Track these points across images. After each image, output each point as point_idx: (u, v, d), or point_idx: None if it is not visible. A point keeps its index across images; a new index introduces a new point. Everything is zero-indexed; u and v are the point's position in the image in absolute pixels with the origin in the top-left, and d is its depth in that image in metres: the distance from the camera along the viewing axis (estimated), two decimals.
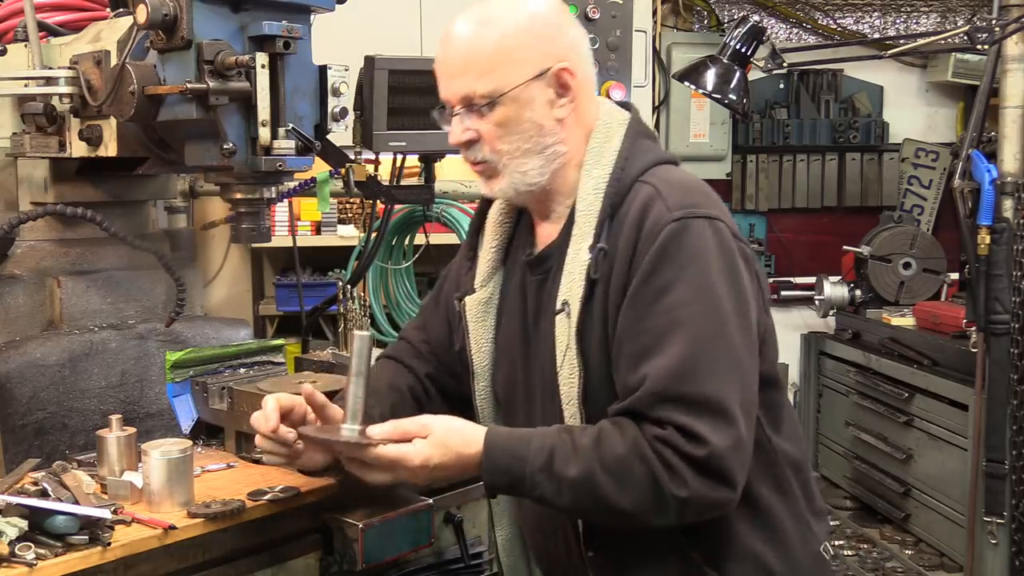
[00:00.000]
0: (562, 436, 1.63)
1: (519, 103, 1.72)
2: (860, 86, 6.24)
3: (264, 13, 2.06)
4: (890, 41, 5.89)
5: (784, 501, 1.77)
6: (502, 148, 1.75)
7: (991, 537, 4.04)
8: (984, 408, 4.06)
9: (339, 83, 2.21)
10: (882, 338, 5.03)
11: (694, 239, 1.63)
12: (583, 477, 1.59)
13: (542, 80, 1.72)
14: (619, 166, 1.73)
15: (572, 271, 1.71)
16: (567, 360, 1.70)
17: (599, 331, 1.68)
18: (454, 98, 1.76)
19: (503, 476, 1.64)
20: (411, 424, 1.68)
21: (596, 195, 1.72)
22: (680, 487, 1.56)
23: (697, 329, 1.59)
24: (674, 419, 1.57)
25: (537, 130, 1.74)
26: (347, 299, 2.50)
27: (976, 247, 4.01)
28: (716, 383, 1.58)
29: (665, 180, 1.71)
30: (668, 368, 1.58)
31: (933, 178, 6.14)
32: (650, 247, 1.63)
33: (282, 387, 2.15)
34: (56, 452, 2.27)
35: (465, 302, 1.91)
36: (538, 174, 1.76)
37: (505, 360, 1.89)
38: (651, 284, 1.62)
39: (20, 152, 2.40)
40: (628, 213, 1.68)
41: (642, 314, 1.62)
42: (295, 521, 2.00)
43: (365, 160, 2.82)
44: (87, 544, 1.69)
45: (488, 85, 1.71)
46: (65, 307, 2.46)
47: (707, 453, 1.55)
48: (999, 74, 4.12)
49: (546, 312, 1.78)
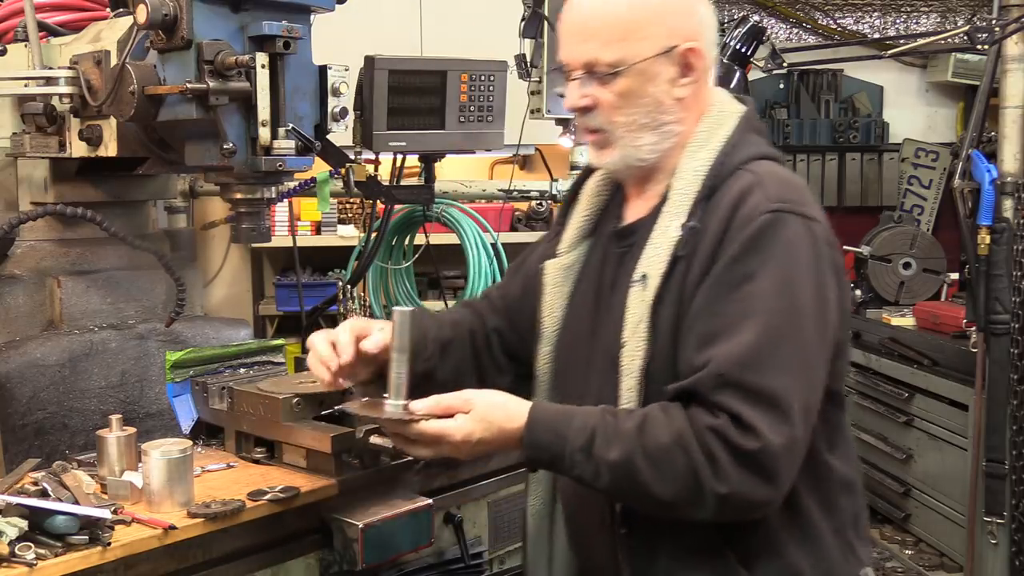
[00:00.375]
0: (606, 418, 1.62)
1: (643, 77, 1.70)
2: (860, 86, 6.24)
3: (264, 13, 2.06)
4: (890, 41, 5.89)
5: (828, 519, 1.73)
6: (619, 120, 1.73)
7: (991, 537, 4.03)
8: (984, 408, 4.06)
9: (339, 83, 2.21)
10: (882, 338, 5.02)
11: (787, 234, 1.61)
12: (623, 461, 1.57)
13: (668, 57, 1.71)
14: (725, 151, 1.72)
15: (657, 245, 1.69)
16: (636, 333, 1.67)
17: (673, 308, 1.66)
18: (576, 62, 1.74)
19: (543, 452, 1.64)
20: (454, 399, 1.67)
21: (695, 176, 1.71)
22: (721, 483, 1.54)
23: (772, 321, 1.57)
24: (731, 406, 1.54)
25: (656, 106, 1.72)
26: (347, 299, 2.50)
27: (976, 247, 4.01)
28: (781, 378, 1.55)
29: (769, 172, 1.69)
30: (736, 354, 1.56)
31: (933, 178, 6.14)
32: (741, 233, 1.61)
33: (282, 387, 2.16)
34: (56, 452, 2.27)
35: (545, 265, 1.91)
36: (650, 150, 1.75)
37: (573, 328, 1.87)
38: (735, 270, 1.60)
39: (20, 152, 2.40)
40: (725, 196, 1.66)
41: (720, 297, 1.60)
42: (295, 521, 2.00)
43: (365, 160, 2.83)
44: (87, 544, 1.70)
45: (615, 54, 1.69)
46: (65, 307, 2.46)
47: (759, 447, 1.52)
48: (999, 74, 4.11)
49: (623, 284, 1.76)
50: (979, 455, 4.07)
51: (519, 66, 3.15)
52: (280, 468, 2.11)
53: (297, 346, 3.31)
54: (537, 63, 3.16)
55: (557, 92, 1.84)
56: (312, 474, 2.05)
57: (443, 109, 2.79)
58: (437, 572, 2.21)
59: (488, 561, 2.34)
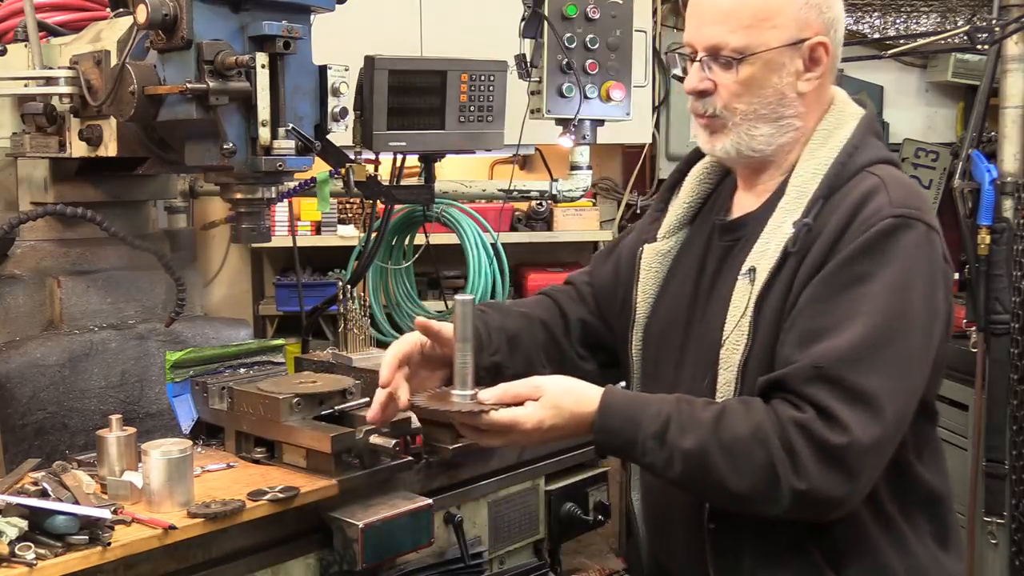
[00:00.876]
0: (681, 406, 1.60)
1: (768, 67, 1.68)
2: (860, 86, 6.22)
3: (264, 13, 2.06)
4: (890, 41, 5.89)
5: (914, 529, 1.71)
6: (738, 107, 1.71)
7: (991, 537, 4.03)
8: (984, 408, 4.06)
9: (339, 83, 2.21)
10: None
11: (907, 240, 1.59)
12: (697, 451, 1.55)
13: (796, 49, 1.69)
14: (847, 152, 1.70)
15: (768, 241, 1.68)
16: (739, 325, 1.65)
17: (778, 303, 1.64)
18: (700, 44, 1.71)
19: (615, 438, 1.61)
20: (522, 387, 1.65)
21: (814, 175, 1.69)
22: (800, 479, 1.51)
23: (880, 323, 1.55)
24: (821, 400, 1.52)
25: (778, 98, 1.70)
26: (347, 299, 2.50)
27: (976, 247, 4.01)
28: (879, 380, 1.53)
29: (893, 177, 1.68)
30: (838, 350, 1.54)
31: (933, 178, 6.14)
32: (861, 234, 1.59)
33: (282, 387, 2.16)
34: (56, 452, 2.27)
35: (643, 249, 1.89)
36: (765, 141, 1.73)
37: (666, 317, 1.85)
38: (849, 270, 1.58)
39: (20, 152, 2.40)
40: (847, 197, 1.64)
41: (830, 295, 1.58)
42: (295, 521, 2.00)
43: (365, 160, 2.82)
44: (87, 544, 1.69)
45: (743, 40, 1.67)
46: (65, 307, 2.46)
47: (846, 442, 1.50)
48: (999, 74, 4.12)
49: (728, 276, 1.74)
50: (979, 455, 4.07)
51: (519, 66, 3.15)
52: (280, 468, 2.11)
53: (297, 346, 3.32)
54: (537, 63, 3.16)
55: (674, 75, 1.81)
56: (312, 474, 2.05)
57: (443, 109, 2.79)
58: (437, 572, 2.21)
59: (488, 561, 2.33)
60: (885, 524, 1.67)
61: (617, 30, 3.17)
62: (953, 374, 4.42)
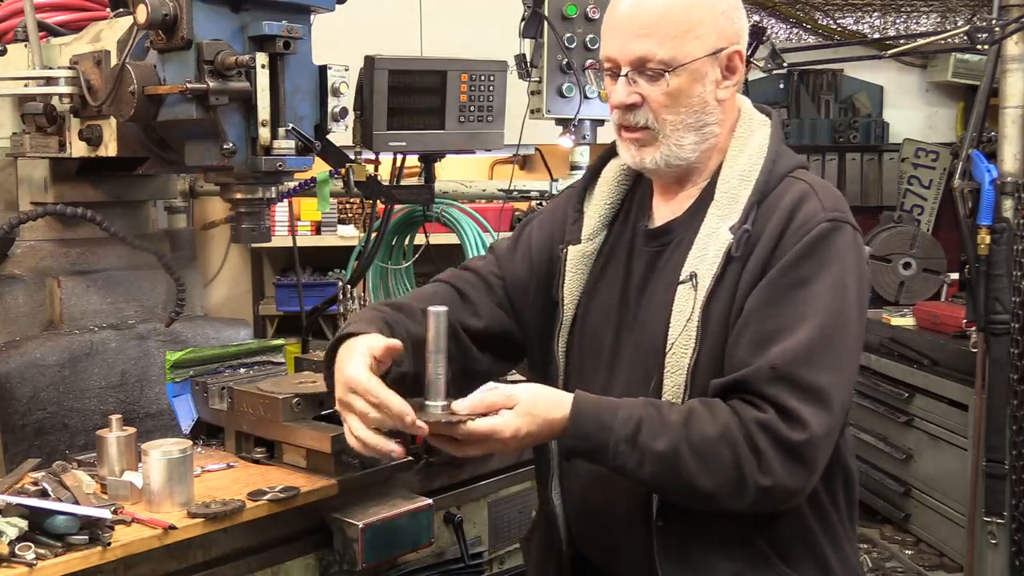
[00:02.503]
0: (649, 409, 1.64)
1: (693, 76, 1.73)
2: (860, 86, 6.23)
3: (264, 13, 2.06)
4: (890, 41, 5.89)
5: (836, 508, 1.81)
6: (667, 118, 1.75)
7: (991, 537, 4.03)
8: (984, 408, 4.06)
9: (339, 83, 2.21)
10: (882, 338, 5.02)
11: (841, 243, 1.69)
12: (669, 452, 1.60)
13: (716, 58, 1.74)
14: (770, 158, 1.77)
15: (705, 246, 1.73)
16: (686, 330, 1.70)
17: (724, 307, 1.69)
18: (625, 58, 1.74)
19: (586, 442, 1.64)
20: (496, 396, 1.65)
21: (741, 180, 1.75)
22: (765, 475, 1.58)
23: (825, 322, 1.64)
24: (780, 399, 1.59)
25: (702, 106, 1.75)
26: (347, 299, 2.50)
27: (976, 247, 4.01)
28: (828, 375, 1.62)
29: (817, 181, 1.77)
30: (792, 351, 1.61)
31: (933, 178, 6.14)
32: (799, 239, 1.67)
33: (282, 387, 2.16)
34: (56, 452, 2.27)
35: (568, 250, 1.90)
36: (691, 150, 1.78)
37: (595, 319, 1.88)
38: (792, 274, 1.66)
39: (20, 152, 2.40)
40: (779, 202, 1.72)
41: (778, 298, 1.66)
42: (295, 521, 2.00)
43: (365, 160, 2.82)
44: (87, 544, 1.70)
45: (669, 52, 1.70)
46: (65, 307, 2.46)
47: (806, 438, 1.58)
48: (999, 74, 4.11)
49: (658, 282, 1.79)
50: (979, 455, 4.07)
51: (519, 66, 3.15)
52: (280, 468, 2.11)
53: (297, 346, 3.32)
54: (537, 63, 3.16)
55: (598, 94, 1.82)
56: (312, 474, 2.05)
57: (443, 109, 2.79)
58: (437, 572, 2.21)
59: (488, 561, 2.34)
60: (817, 507, 1.76)
61: None
62: (953, 374, 4.42)
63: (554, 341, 1.90)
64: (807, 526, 1.75)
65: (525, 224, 2.06)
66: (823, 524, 1.78)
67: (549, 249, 1.95)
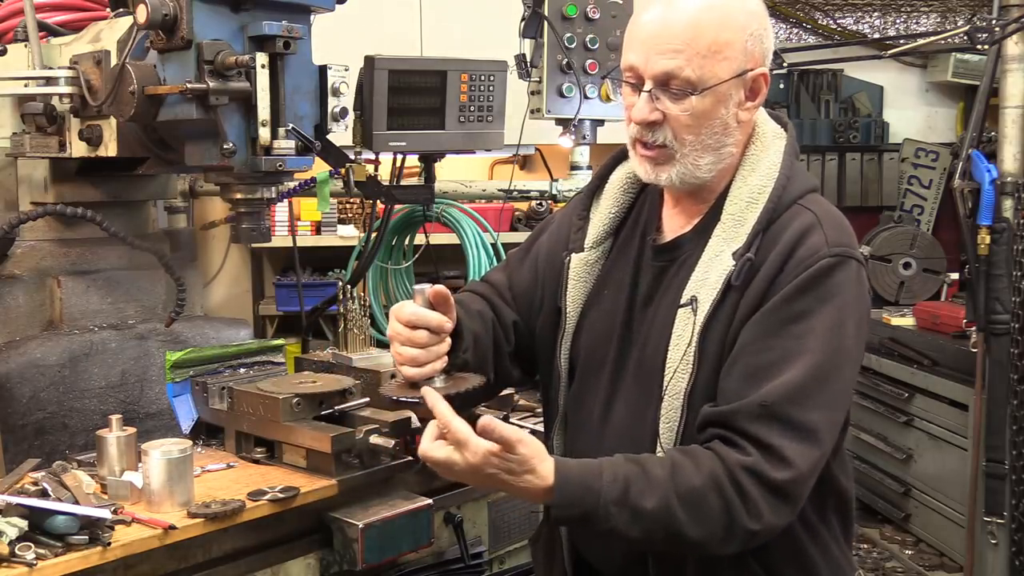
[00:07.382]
0: (631, 467, 1.60)
1: (718, 99, 1.68)
2: (860, 86, 6.23)
3: (264, 13, 2.06)
4: (890, 41, 5.89)
5: (830, 530, 1.79)
6: (687, 138, 1.70)
7: (991, 537, 4.03)
8: (984, 408, 4.06)
9: (339, 83, 2.21)
10: (882, 338, 5.02)
11: (842, 278, 1.65)
12: (661, 509, 1.57)
13: (742, 80, 1.69)
14: (780, 183, 1.71)
15: (707, 270, 1.70)
16: (685, 355, 1.68)
17: (720, 335, 1.67)
18: (650, 72, 1.68)
19: (574, 509, 1.60)
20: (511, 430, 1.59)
21: (749, 203, 1.71)
22: (754, 520, 1.56)
23: (820, 362, 1.60)
24: (766, 438, 1.57)
25: (723, 128, 1.70)
26: (347, 299, 2.50)
27: (976, 247, 4.01)
28: (820, 414, 1.60)
29: (825, 211, 1.72)
30: (784, 387, 1.58)
31: (933, 178, 6.14)
32: (800, 272, 1.63)
33: (282, 387, 2.16)
34: (56, 452, 2.27)
35: (571, 258, 1.88)
36: (707, 170, 1.73)
37: (598, 329, 1.85)
38: (790, 308, 1.62)
39: (20, 152, 2.40)
40: (783, 232, 1.68)
41: (773, 332, 1.62)
42: (295, 521, 2.00)
43: (365, 160, 2.82)
44: (87, 544, 1.70)
45: (697, 72, 1.65)
46: (65, 307, 2.46)
47: (791, 476, 1.57)
48: (999, 74, 4.11)
49: (662, 300, 1.76)
50: (979, 455, 4.07)
51: (519, 66, 3.15)
52: (280, 468, 2.11)
53: (297, 346, 3.32)
54: (537, 63, 3.16)
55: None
56: (312, 474, 2.05)
57: (443, 109, 2.79)
58: (437, 572, 2.21)
59: (488, 561, 2.34)
60: (809, 528, 1.75)
61: (617, 30, 3.17)
62: (953, 374, 4.42)
63: (557, 349, 1.88)
64: (801, 548, 1.74)
65: (539, 231, 2.05)
66: (817, 546, 1.76)
67: (557, 256, 1.93)
